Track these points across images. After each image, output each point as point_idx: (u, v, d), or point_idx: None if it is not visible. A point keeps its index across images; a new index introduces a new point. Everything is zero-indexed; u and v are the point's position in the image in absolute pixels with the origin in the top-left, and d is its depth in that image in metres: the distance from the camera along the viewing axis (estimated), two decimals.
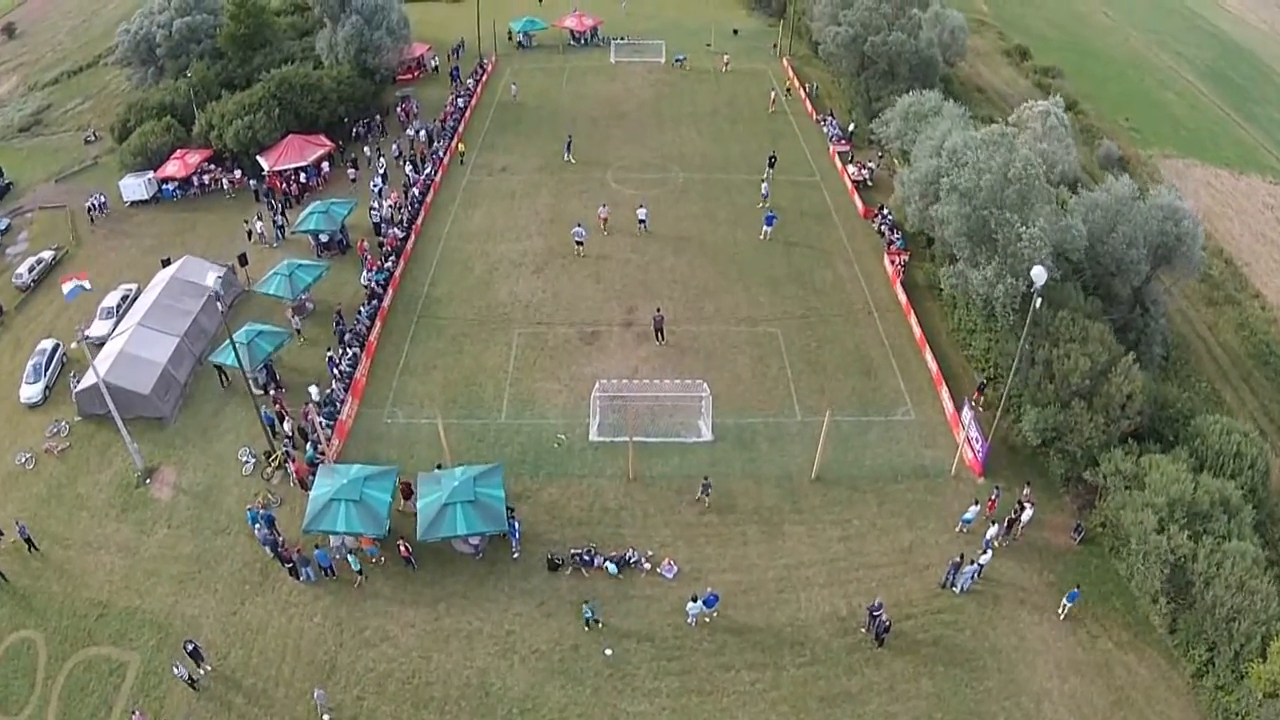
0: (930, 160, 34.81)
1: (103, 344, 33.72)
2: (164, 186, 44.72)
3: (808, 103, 52.54)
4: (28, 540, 26.92)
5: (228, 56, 51.50)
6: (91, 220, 43.21)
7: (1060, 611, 24.70)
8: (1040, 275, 25.68)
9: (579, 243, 37.53)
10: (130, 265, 39.84)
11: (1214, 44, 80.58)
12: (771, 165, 44.72)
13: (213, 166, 45.80)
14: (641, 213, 38.90)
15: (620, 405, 30.02)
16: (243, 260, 38.28)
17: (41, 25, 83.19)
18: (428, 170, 43.63)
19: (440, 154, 45.39)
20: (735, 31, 63.57)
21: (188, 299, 35.21)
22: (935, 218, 32.27)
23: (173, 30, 51.44)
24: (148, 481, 29.10)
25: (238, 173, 44.70)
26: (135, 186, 44.50)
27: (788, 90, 52.94)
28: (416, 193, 41.48)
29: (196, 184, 44.92)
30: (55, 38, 78.97)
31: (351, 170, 45.77)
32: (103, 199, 43.79)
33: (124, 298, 36.59)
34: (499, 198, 42.68)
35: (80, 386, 31.35)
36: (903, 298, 36.03)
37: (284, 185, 43.52)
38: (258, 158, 44.67)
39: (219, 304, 28.24)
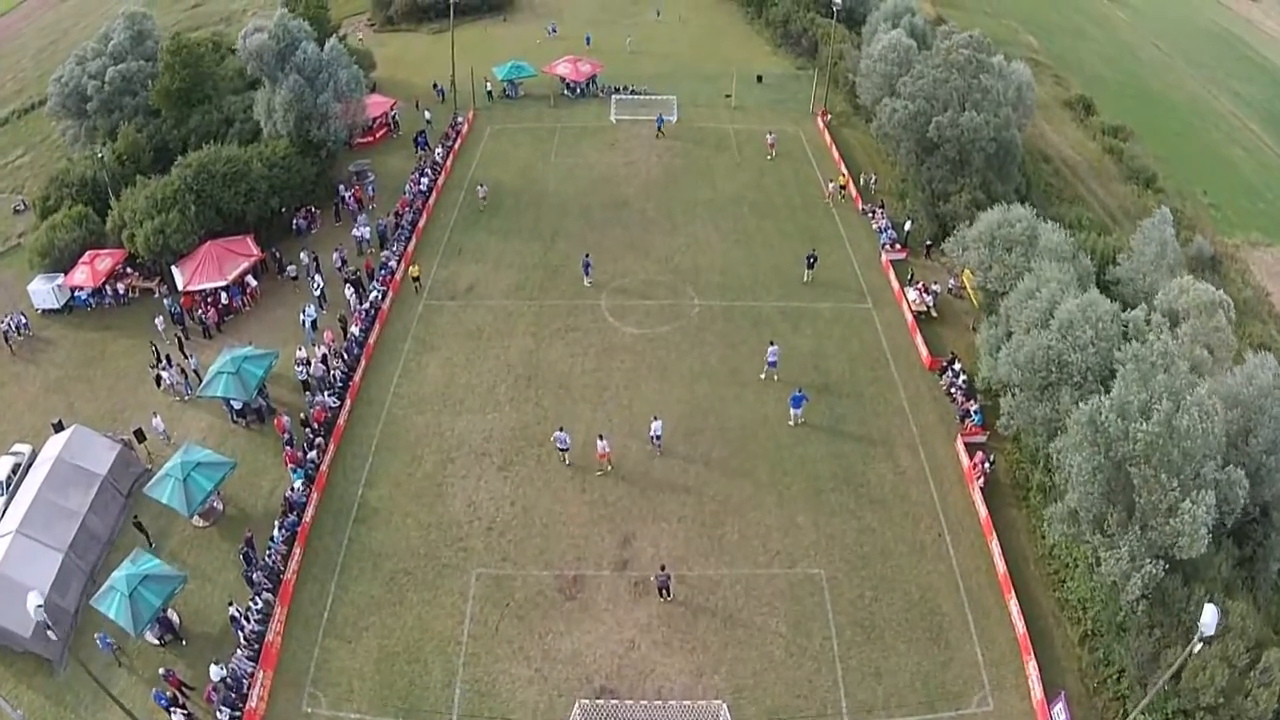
0: (1036, 336, 26.19)
1: None
2: (76, 294, 36.53)
3: (847, 174, 43.30)
4: None
5: (163, 115, 43.07)
6: (10, 346, 34.83)
7: None
8: (1211, 622, 17.62)
9: (562, 450, 28.27)
10: (30, 408, 32.27)
11: (1265, 79, 75.13)
12: (811, 266, 36.18)
13: (130, 272, 37.39)
14: (656, 426, 28.77)
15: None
16: (139, 436, 29.96)
17: (11, 45, 74.53)
18: (373, 294, 34.70)
19: (392, 264, 36.44)
20: (759, 79, 53.62)
21: (75, 491, 27.55)
22: (1056, 448, 23.61)
23: (105, 81, 43.16)
24: None
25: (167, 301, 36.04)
26: (45, 293, 36.53)
27: (841, 188, 42.83)
28: (357, 333, 32.69)
29: (110, 293, 36.60)
30: (19, 62, 70.27)
31: (291, 267, 37.23)
32: (22, 319, 35.51)
33: (15, 466, 29.01)
34: (462, 336, 33.66)
35: None
36: (982, 509, 27.58)
37: (203, 308, 34.97)
38: (173, 269, 36.12)
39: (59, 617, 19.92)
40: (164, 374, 32.26)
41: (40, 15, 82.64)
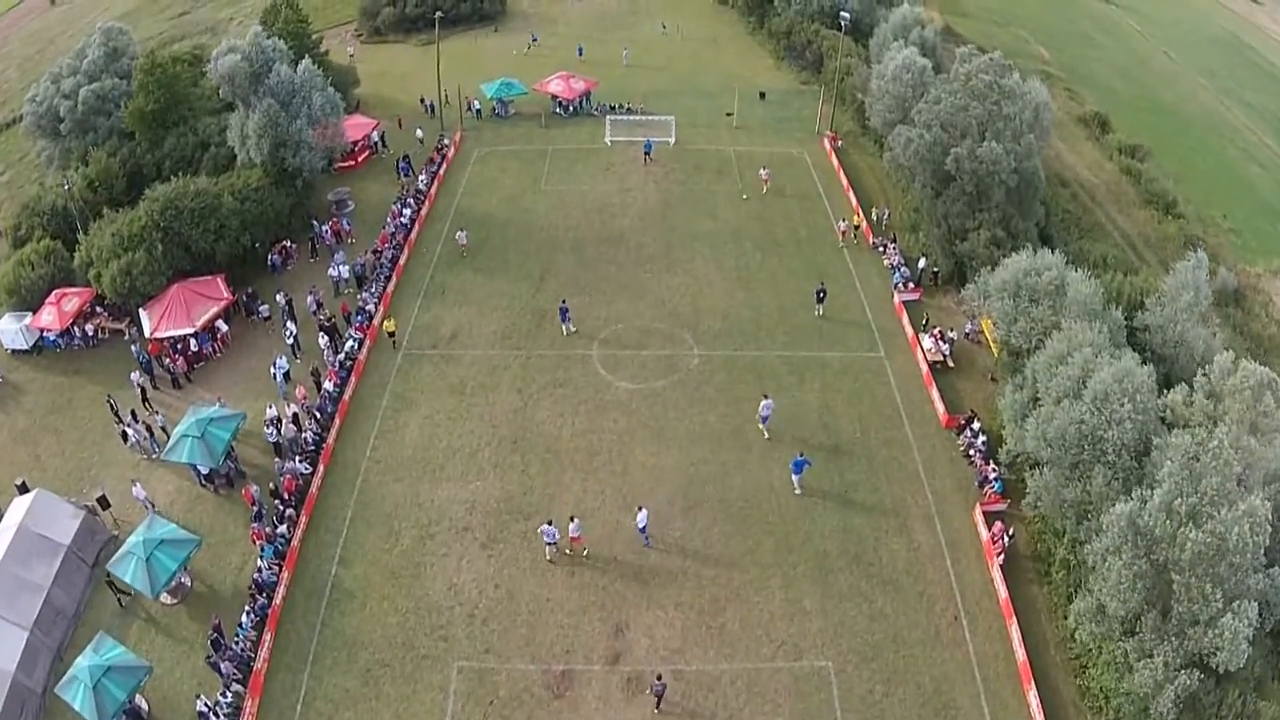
0: (1068, 409, 24.14)
1: None
2: (44, 334, 34.56)
3: (860, 213, 40.67)
4: None
5: (136, 138, 41.09)
6: None
7: None
8: None
9: (549, 544, 25.66)
10: None
11: (1277, 89, 73.86)
12: (820, 300, 34.21)
13: (99, 311, 35.32)
14: (641, 517, 26.29)
15: None
16: (103, 503, 27.87)
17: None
18: (349, 344, 32.34)
19: (370, 308, 34.14)
20: (762, 95, 51.27)
21: (38, 563, 25.73)
22: (1091, 550, 21.65)
23: (79, 101, 41.23)
24: None
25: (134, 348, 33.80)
26: (13, 334, 34.64)
27: (856, 227, 39.96)
28: (331, 389, 30.52)
29: (79, 334, 34.59)
30: (4, 72, 68.31)
31: (264, 307, 35.12)
32: None
33: None
34: (443, 391, 31.36)
35: None
36: (1001, 588, 25.55)
37: (171, 356, 32.77)
38: (140, 312, 34.02)
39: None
40: (129, 430, 30.30)
41: (29, 21, 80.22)
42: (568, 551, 25.98)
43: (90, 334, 34.95)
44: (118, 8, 76.70)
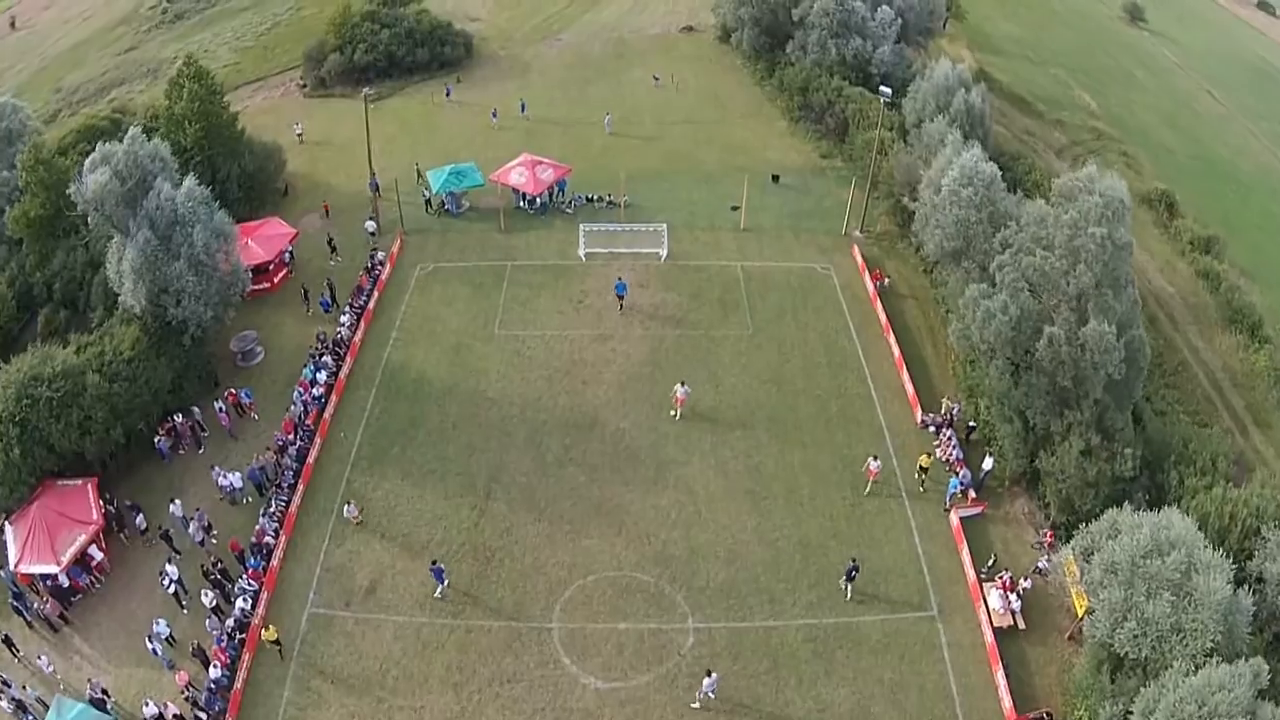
0: None
1: None
2: None
3: (908, 380, 31.89)
4: None
5: (25, 248, 34.23)
6: None
7: None
8: None
9: None
10: None
11: None
12: (850, 579, 25.13)
13: None
14: None
15: None
16: None
17: None
18: (239, 604, 23.99)
19: (269, 539, 25.79)
20: (775, 178, 42.42)
21: None
22: None
23: None
24: None
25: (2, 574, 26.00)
26: None
27: (923, 470, 28.35)
28: (218, 675, 22.53)
29: None
30: None
31: (140, 518, 26.99)
32: None
33: None
34: (356, 684, 23.15)
35: None
36: None
37: (41, 593, 25.30)
38: (6, 526, 26.45)
39: None
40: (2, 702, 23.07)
41: None
42: None
43: None
44: (72, 36, 69.67)
